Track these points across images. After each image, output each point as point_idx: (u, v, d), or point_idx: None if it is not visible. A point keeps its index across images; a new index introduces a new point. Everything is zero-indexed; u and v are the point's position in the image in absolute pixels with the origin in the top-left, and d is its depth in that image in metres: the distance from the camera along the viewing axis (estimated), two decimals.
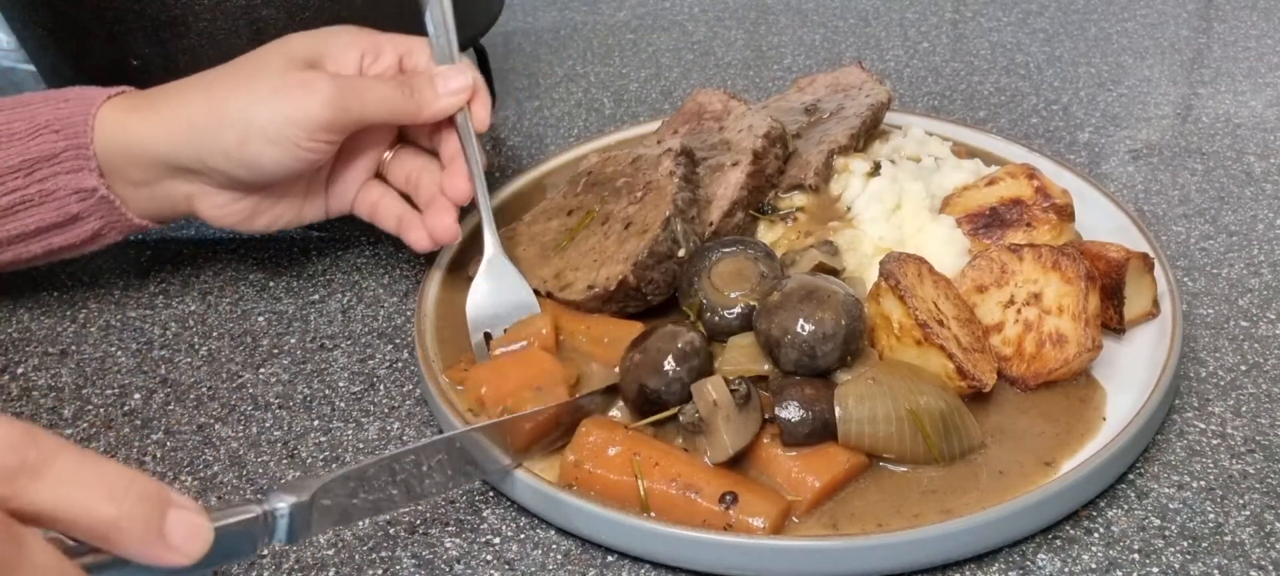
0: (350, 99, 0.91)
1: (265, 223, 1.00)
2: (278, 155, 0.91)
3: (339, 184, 1.02)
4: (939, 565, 0.77)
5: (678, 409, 0.83)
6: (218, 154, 0.92)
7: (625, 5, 1.78)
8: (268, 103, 0.91)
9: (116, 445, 0.92)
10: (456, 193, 0.96)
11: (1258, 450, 0.85)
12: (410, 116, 0.95)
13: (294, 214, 1.01)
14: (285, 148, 0.91)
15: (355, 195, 1.02)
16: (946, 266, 0.94)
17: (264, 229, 1.01)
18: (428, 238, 0.97)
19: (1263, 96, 1.37)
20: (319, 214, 1.03)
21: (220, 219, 0.99)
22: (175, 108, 0.93)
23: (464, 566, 0.79)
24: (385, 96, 0.93)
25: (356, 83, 0.93)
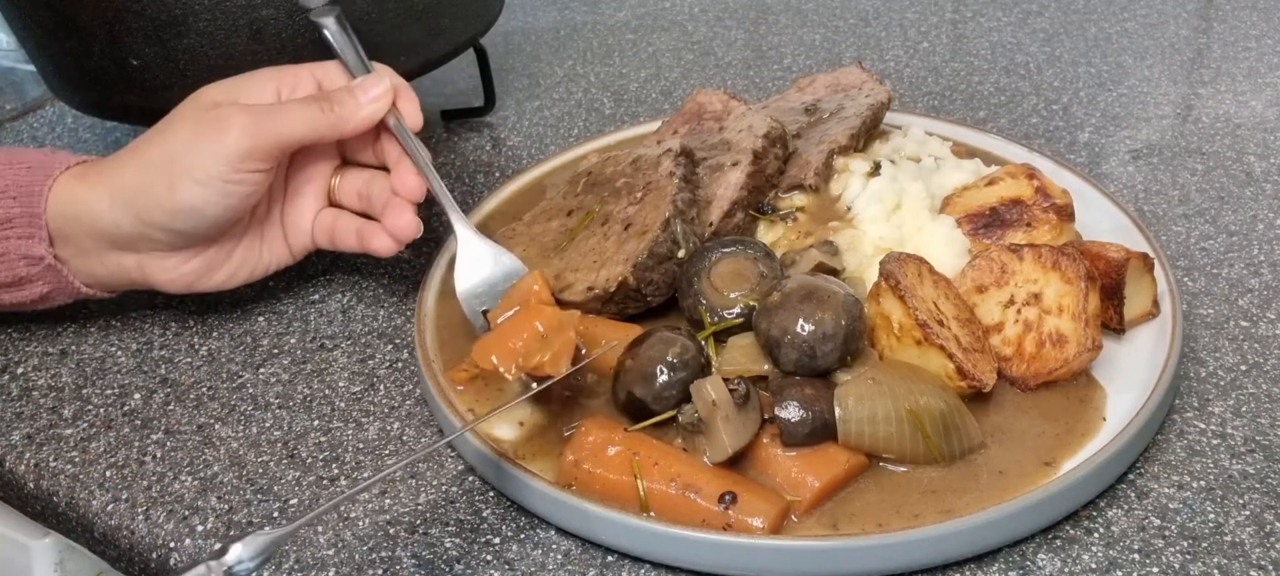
0: (266, 123, 0.91)
1: (224, 277, 0.99)
2: (208, 194, 0.91)
3: (292, 220, 1.01)
4: (939, 565, 0.77)
5: (676, 410, 0.83)
6: (154, 208, 0.91)
7: (625, 5, 1.78)
8: (188, 144, 0.90)
9: (116, 445, 0.92)
10: (408, 189, 0.96)
11: (1258, 450, 0.85)
12: (334, 130, 0.94)
13: (253, 261, 1.00)
14: (213, 185, 0.90)
15: (312, 227, 1.01)
16: (946, 266, 0.94)
17: (224, 284, 1.00)
18: (391, 241, 0.96)
19: (1263, 96, 1.37)
20: (282, 256, 1.02)
21: (175, 283, 0.97)
22: (112, 175, 0.93)
23: (464, 566, 0.79)
24: (304, 115, 0.93)
25: (272, 107, 0.93)
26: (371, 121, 0.95)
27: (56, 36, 1.12)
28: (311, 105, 0.94)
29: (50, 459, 0.91)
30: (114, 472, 0.89)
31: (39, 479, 0.90)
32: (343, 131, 0.95)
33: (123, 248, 0.95)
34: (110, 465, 0.90)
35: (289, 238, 1.02)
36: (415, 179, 0.96)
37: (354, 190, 1.00)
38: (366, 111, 0.95)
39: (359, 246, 0.99)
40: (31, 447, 0.92)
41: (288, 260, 1.03)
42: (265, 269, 1.02)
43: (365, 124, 0.95)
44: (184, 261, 0.97)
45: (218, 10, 1.07)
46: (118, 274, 0.97)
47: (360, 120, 0.95)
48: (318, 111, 0.93)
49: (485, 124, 1.42)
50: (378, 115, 0.95)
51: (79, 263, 0.96)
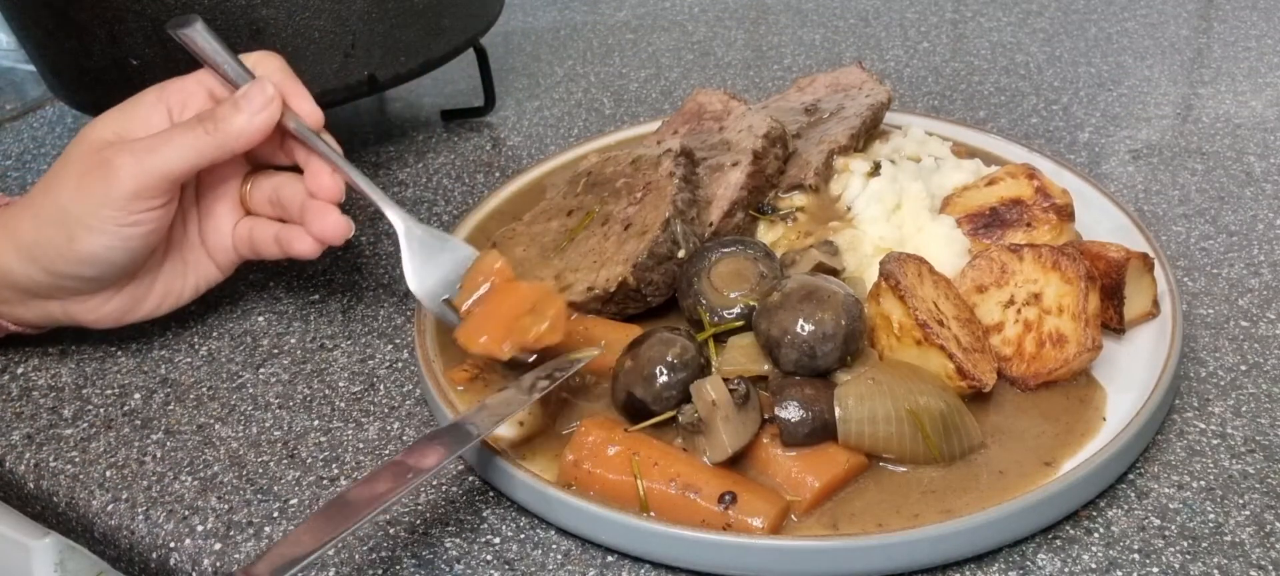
0: (149, 160, 0.87)
1: (152, 306, 0.97)
2: (108, 242, 0.89)
3: (211, 237, 0.98)
4: (939, 565, 0.76)
5: (676, 411, 0.83)
6: (57, 260, 0.89)
7: (625, 5, 1.78)
8: (75, 195, 0.88)
9: (116, 445, 0.92)
10: (324, 190, 0.92)
11: (1258, 450, 0.85)
12: (222, 150, 0.90)
13: (180, 285, 0.98)
14: (109, 232, 0.88)
15: (233, 239, 0.99)
16: (946, 266, 0.94)
17: (155, 312, 0.98)
18: (314, 244, 0.93)
19: (1263, 96, 1.37)
20: (210, 273, 1.00)
21: (103, 321, 0.96)
22: (12, 230, 0.91)
23: (464, 566, 0.79)
24: (187, 144, 0.88)
25: (154, 142, 0.88)
26: (263, 133, 0.91)
27: (56, 36, 1.12)
28: (195, 130, 0.89)
29: (50, 459, 0.91)
30: (114, 472, 0.89)
31: (39, 479, 0.90)
32: (233, 150, 0.90)
33: (42, 296, 0.93)
34: (110, 465, 0.90)
35: (212, 255, 0.99)
36: (330, 178, 0.92)
37: (265, 198, 0.97)
38: (255, 125, 0.90)
39: (280, 253, 0.95)
40: (31, 447, 0.92)
41: (217, 276, 1.00)
42: (195, 290, 0.99)
43: (256, 138, 0.90)
44: (106, 301, 0.95)
45: (217, 10, 1.07)
46: (44, 317, 0.96)
47: (250, 135, 0.90)
48: (202, 135, 0.89)
49: (485, 124, 1.42)
50: (267, 126, 0.90)
51: (4, 309, 0.95)
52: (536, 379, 0.85)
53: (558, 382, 0.84)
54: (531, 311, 0.85)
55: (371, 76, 1.17)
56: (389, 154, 1.35)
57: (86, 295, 0.94)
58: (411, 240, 0.93)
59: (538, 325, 0.83)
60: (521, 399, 0.83)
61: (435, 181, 1.28)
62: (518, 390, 0.84)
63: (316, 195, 0.92)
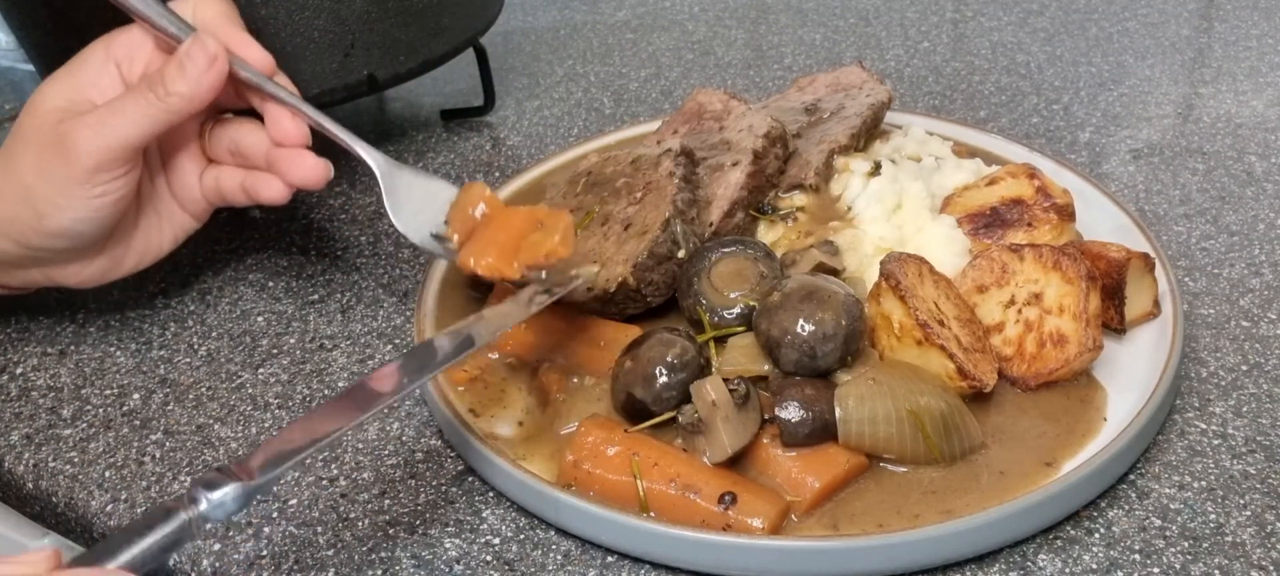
0: (106, 133, 0.86)
1: (134, 263, 0.97)
2: (78, 213, 0.88)
3: (180, 189, 0.97)
4: (939, 565, 0.76)
5: (676, 411, 0.82)
6: (30, 235, 0.89)
7: (625, 5, 1.77)
8: (37, 173, 0.87)
9: (116, 445, 0.92)
10: (288, 136, 0.90)
11: (1259, 450, 0.84)
12: (176, 115, 0.88)
13: (158, 238, 0.98)
14: (78, 205, 0.88)
15: (201, 188, 0.97)
16: (947, 266, 0.94)
17: (138, 267, 0.98)
18: (283, 189, 0.92)
19: (1264, 96, 1.37)
20: (186, 223, 0.98)
21: (87, 282, 0.96)
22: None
23: (464, 566, 0.79)
24: (141, 113, 0.87)
25: (107, 115, 0.87)
26: (212, 93, 0.88)
27: (56, 36, 1.12)
28: (146, 96, 0.87)
29: (49, 459, 0.91)
30: (113, 472, 0.89)
31: (38, 479, 0.90)
32: (185, 114, 0.88)
33: (23, 266, 0.93)
34: (110, 465, 0.90)
35: (184, 206, 0.98)
36: (292, 122, 0.90)
37: (224, 147, 0.95)
38: (203, 87, 0.87)
39: (248, 199, 0.94)
40: (31, 447, 0.92)
41: (193, 225, 0.99)
42: (174, 240, 0.99)
43: (205, 99, 0.88)
44: (85, 266, 0.95)
45: None
46: (27, 282, 0.96)
47: (198, 95, 0.88)
48: (153, 102, 0.87)
49: (485, 124, 1.42)
50: (216, 85, 0.88)
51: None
52: (534, 293, 0.84)
53: (556, 297, 0.83)
54: (539, 228, 0.84)
55: (371, 76, 1.17)
56: (389, 154, 1.33)
57: (65, 262, 0.94)
58: (389, 178, 0.92)
59: (549, 238, 0.82)
60: (520, 311, 0.83)
61: None
62: (516, 303, 0.84)
63: (281, 143, 0.91)
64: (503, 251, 0.85)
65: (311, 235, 1.18)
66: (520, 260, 0.84)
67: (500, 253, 0.85)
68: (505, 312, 0.84)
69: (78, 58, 0.92)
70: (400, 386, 0.76)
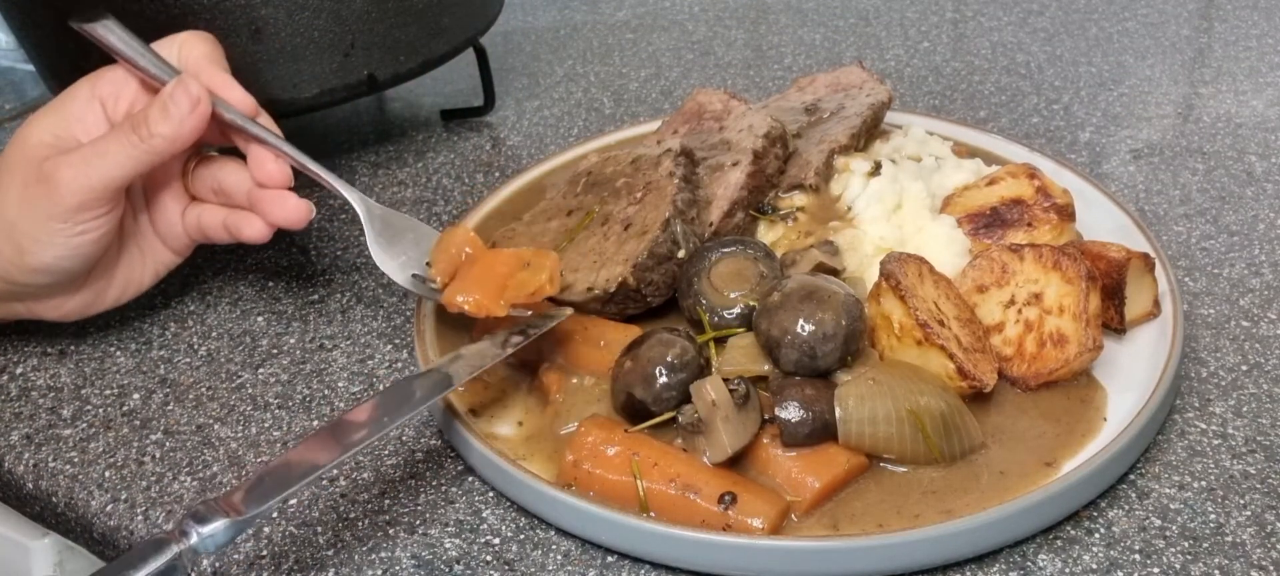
0: (90, 173, 0.87)
1: (115, 297, 0.98)
2: (59, 251, 0.89)
3: (162, 226, 0.98)
4: (939, 565, 0.76)
5: (676, 411, 0.82)
6: (11, 270, 0.90)
7: (625, 5, 1.77)
8: (20, 210, 0.88)
9: (116, 445, 0.91)
10: (271, 177, 0.91)
11: (1259, 450, 0.84)
12: (159, 156, 0.89)
13: (139, 273, 0.99)
14: (59, 243, 0.88)
15: (184, 224, 0.98)
16: (947, 266, 0.94)
17: (118, 301, 0.98)
18: (264, 227, 0.93)
19: (1264, 96, 1.37)
20: (167, 259, 1.00)
21: (67, 316, 0.97)
22: None
23: (464, 566, 0.79)
24: (124, 154, 0.88)
25: (91, 155, 0.88)
26: (194, 136, 0.90)
27: (56, 36, 1.12)
28: (129, 137, 0.88)
29: (49, 459, 0.91)
30: (113, 473, 0.89)
31: (38, 479, 0.90)
32: (167, 155, 0.90)
33: (4, 299, 0.94)
34: (110, 465, 0.90)
35: (166, 242, 0.99)
36: (275, 164, 0.91)
37: (207, 186, 0.96)
38: (185, 131, 0.89)
39: (230, 237, 0.95)
40: (31, 447, 0.92)
41: (175, 260, 1.00)
42: (155, 275, 1.00)
43: (188, 142, 0.90)
44: (66, 300, 0.95)
45: (217, 10, 1.07)
46: (9, 315, 0.97)
47: (181, 140, 0.89)
48: (136, 143, 0.88)
49: (485, 124, 1.42)
50: (198, 128, 0.89)
51: None
52: (510, 334, 0.86)
53: (531, 339, 0.86)
54: (526, 267, 0.85)
55: (371, 76, 1.17)
56: (389, 154, 1.35)
57: (47, 297, 0.94)
58: (372, 218, 0.93)
59: (536, 277, 0.83)
60: (495, 352, 0.85)
61: (435, 181, 1.28)
62: (492, 343, 0.86)
63: (264, 184, 0.92)
64: (489, 289, 0.86)
65: (312, 235, 1.18)
66: (507, 298, 0.86)
67: (486, 290, 0.86)
68: (482, 352, 0.86)
69: (65, 94, 0.93)
70: (380, 424, 0.78)
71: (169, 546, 0.68)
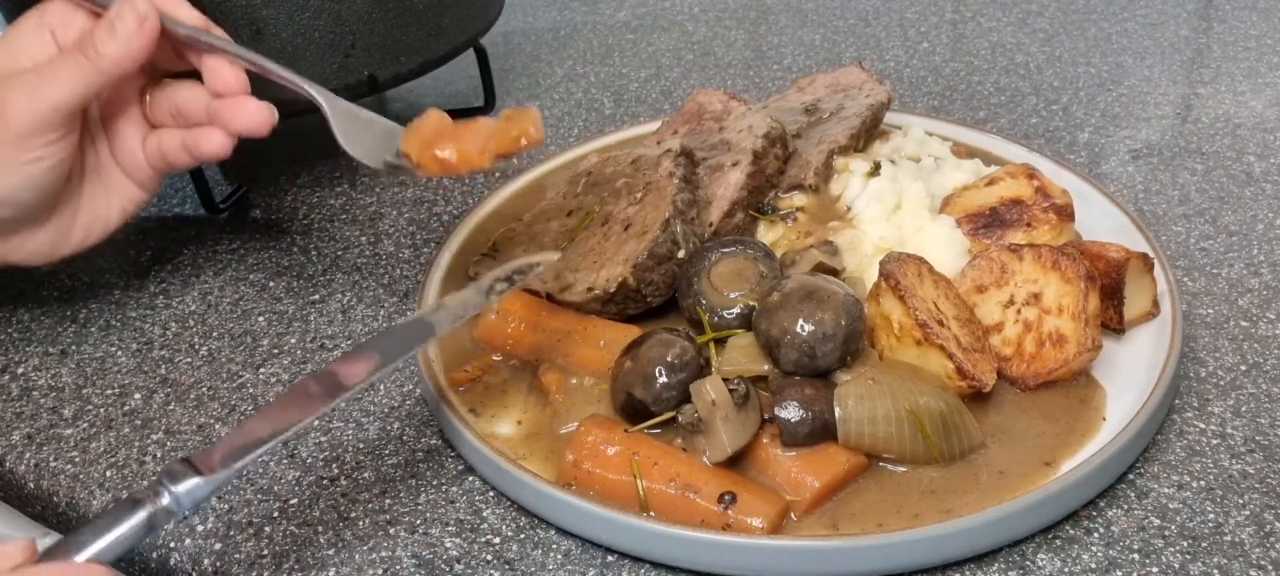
0: (37, 97, 0.86)
1: (82, 235, 0.96)
2: (12, 181, 0.88)
3: (124, 156, 0.96)
4: (939, 565, 0.77)
5: (675, 411, 0.83)
6: None
7: (625, 5, 1.78)
8: None
9: (116, 445, 0.92)
10: (226, 85, 0.89)
11: (1258, 450, 0.85)
12: (107, 76, 0.87)
13: (105, 209, 0.96)
14: (12, 171, 0.87)
15: (145, 155, 0.96)
16: (946, 266, 0.94)
17: (86, 241, 0.96)
18: (225, 140, 0.90)
19: (1263, 96, 1.37)
20: (134, 193, 0.97)
21: (35, 256, 0.95)
22: None
23: (464, 566, 0.79)
24: (71, 76, 0.86)
25: (39, 79, 0.86)
26: (143, 54, 0.87)
27: None
28: (77, 59, 0.86)
29: (50, 459, 0.91)
30: (114, 472, 0.89)
31: (39, 479, 0.90)
32: (117, 75, 0.88)
33: None
34: (111, 465, 0.90)
35: (129, 174, 0.97)
36: (231, 71, 0.89)
37: (165, 110, 0.95)
38: (133, 49, 0.87)
39: (191, 158, 0.93)
40: (31, 447, 0.92)
41: (141, 195, 0.98)
42: (122, 212, 0.98)
43: (137, 60, 0.88)
44: (31, 237, 0.94)
45: (217, 10, 1.07)
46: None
47: (130, 58, 0.87)
48: (84, 63, 0.86)
49: None
50: (146, 46, 0.87)
51: None
52: (494, 280, 0.85)
53: (516, 285, 0.85)
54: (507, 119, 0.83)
55: (371, 76, 1.17)
56: None
57: (8, 234, 0.93)
58: (336, 110, 0.90)
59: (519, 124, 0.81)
60: (479, 299, 0.85)
61: (435, 181, 1.28)
62: (476, 291, 0.85)
63: (221, 93, 0.90)
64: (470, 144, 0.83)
65: (312, 235, 1.18)
66: (491, 148, 0.83)
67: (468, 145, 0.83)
68: (466, 299, 0.85)
69: (12, 27, 0.91)
70: (361, 375, 0.77)
71: (143, 505, 0.69)
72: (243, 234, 1.19)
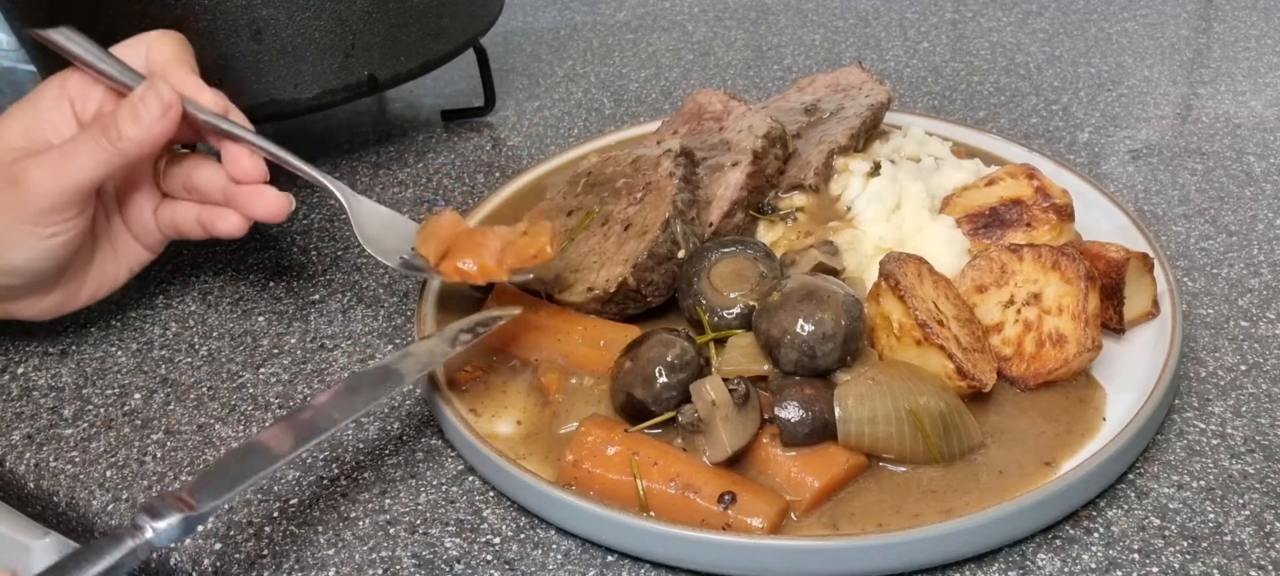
0: (60, 176, 0.87)
1: (89, 295, 0.98)
2: (29, 254, 0.89)
3: (135, 224, 0.98)
4: (939, 565, 0.77)
5: (675, 411, 0.83)
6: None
7: (625, 5, 1.78)
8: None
9: (117, 445, 0.92)
10: (246, 174, 0.92)
11: (1257, 450, 0.85)
12: (128, 159, 0.89)
13: (113, 271, 0.98)
14: (31, 245, 0.88)
15: (156, 221, 0.98)
16: (946, 266, 0.94)
17: (93, 298, 0.98)
18: (240, 222, 0.93)
19: (1262, 96, 1.37)
20: (141, 255, 1.00)
21: (42, 315, 0.96)
22: None
23: (464, 566, 0.79)
24: (93, 157, 0.88)
25: (61, 157, 0.88)
26: (165, 138, 0.90)
27: None
28: (98, 141, 0.88)
29: (50, 459, 0.91)
30: (114, 472, 0.89)
31: (39, 479, 0.90)
32: (138, 158, 0.90)
33: None
34: (110, 465, 0.90)
35: (139, 239, 0.99)
36: (249, 160, 0.91)
37: (179, 183, 0.96)
38: (154, 134, 0.89)
39: (204, 234, 0.95)
40: (31, 447, 0.92)
41: (148, 257, 1.00)
42: (129, 271, 1.00)
43: (158, 145, 0.90)
44: (40, 300, 0.95)
45: (217, 10, 1.07)
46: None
47: (152, 141, 0.89)
48: (105, 146, 0.88)
49: (485, 124, 1.42)
50: (168, 132, 0.89)
51: None
52: (459, 332, 0.88)
53: (480, 337, 0.87)
54: (525, 235, 0.86)
55: (371, 76, 1.17)
56: (389, 154, 1.35)
57: (21, 297, 0.94)
58: (354, 206, 0.94)
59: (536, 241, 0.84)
60: (444, 349, 0.87)
61: (435, 181, 1.28)
62: (441, 340, 0.88)
63: (239, 180, 0.92)
64: (488, 256, 0.86)
65: (312, 235, 1.18)
66: (507, 262, 0.87)
67: (486, 257, 0.86)
68: (432, 349, 0.88)
69: (34, 93, 0.93)
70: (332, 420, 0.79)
71: (124, 541, 0.69)
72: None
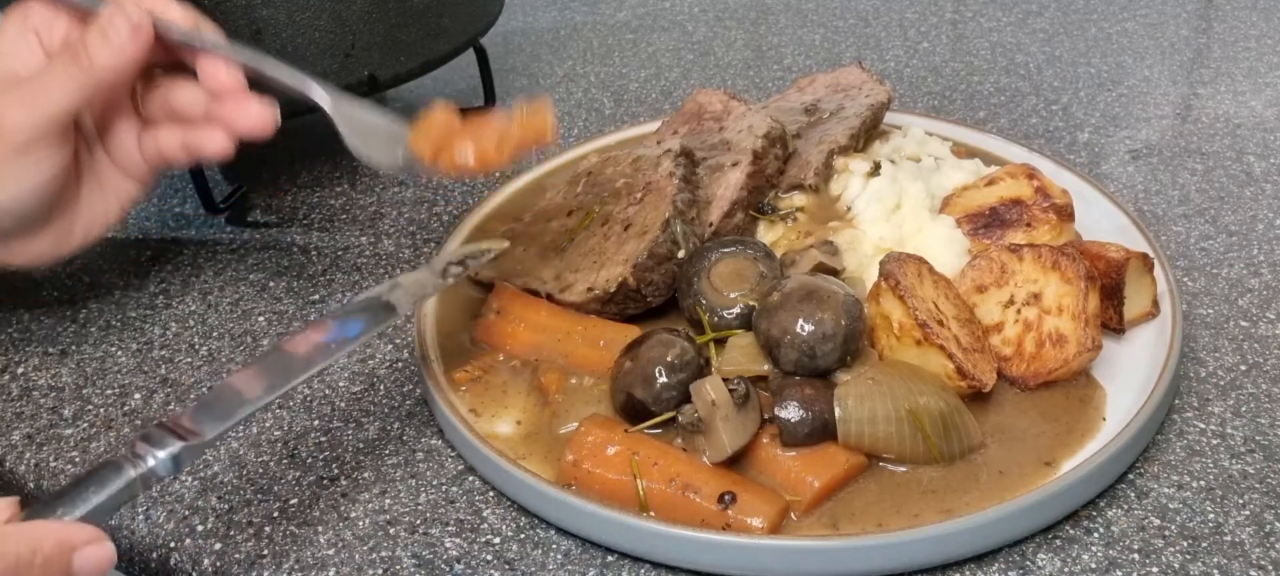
0: (32, 107, 0.84)
1: (81, 235, 0.95)
2: (11, 192, 0.87)
3: (120, 156, 0.95)
4: (939, 565, 0.77)
5: (675, 411, 0.83)
6: None
7: (625, 5, 1.78)
8: None
9: (117, 445, 0.92)
10: (223, 85, 0.88)
11: (1257, 450, 0.85)
12: (101, 83, 0.85)
13: (103, 209, 0.95)
14: (10, 183, 0.86)
15: (141, 152, 0.94)
16: (946, 266, 0.94)
17: (86, 239, 0.95)
18: (227, 141, 0.89)
19: (1263, 96, 1.37)
20: (131, 191, 0.96)
21: (37, 260, 0.94)
22: None
23: (464, 566, 0.79)
24: (65, 83, 0.85)
25: (31, 90, 0.85)
26: (138, 60, 0.86)
27: None
28: (69, 69, 0.85)
29: (50, 459, 0.91)
30: None
31: (40, 479, 0.90)
32: (112, 83, 0.86)
33: None
34: None
35: (127, 172, 0.95)
36: (227, 71, 0.87)
37: (159, 108, 0.93)
38: (126, 56, 0.85)
39: (190, 157, 0.92)
40: (32, 447, 0.92)
41: (138, 191, 0.96)
42: (120, 208, 0.96)
43: (132, 67, 0.86)
44: (32, 241, 0.92)
45: (218, 10, 1.07)
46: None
47: (124, 66, 0.85)
48: (77, 71, 0.85)
49: None
50: (141, 52, 0.86)
51: None
52: (448, 265, 0.88)
53: (469, 271, 0.87)
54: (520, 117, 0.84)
55: (371, 76, 1.17)
56: None
57: (10, 240, 0.92)
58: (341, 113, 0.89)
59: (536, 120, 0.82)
60: (434, 281, 0.87)
61: (435, 181, 1.28)
62: (429, 271, 0.87)
63: (218, 93, 0.88)
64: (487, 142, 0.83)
65: (312, 235, 1.18)
66: (507, 147, 0.83)
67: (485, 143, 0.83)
68: (421, 281, 0.87)
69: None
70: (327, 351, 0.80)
71: (125, 470, 0.68)
72: (243, 234, 1.19)
